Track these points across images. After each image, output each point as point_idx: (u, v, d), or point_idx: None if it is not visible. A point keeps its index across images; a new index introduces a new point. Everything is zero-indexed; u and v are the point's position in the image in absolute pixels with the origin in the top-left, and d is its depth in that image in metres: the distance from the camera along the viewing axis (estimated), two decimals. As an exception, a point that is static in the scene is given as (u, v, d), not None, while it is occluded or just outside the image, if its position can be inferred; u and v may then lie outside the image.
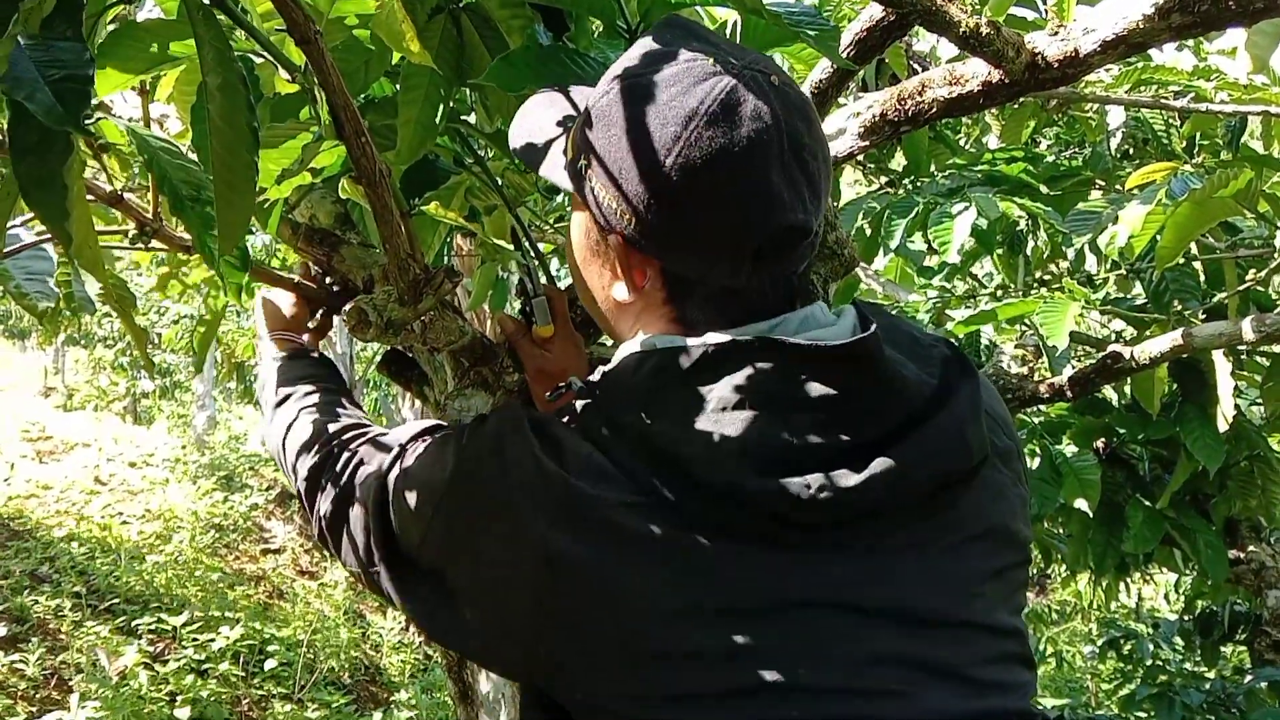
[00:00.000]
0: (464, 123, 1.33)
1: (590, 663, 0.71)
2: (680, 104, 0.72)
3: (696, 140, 0.72)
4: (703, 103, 0.72)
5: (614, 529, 0.69)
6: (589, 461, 0.73)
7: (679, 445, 0.70)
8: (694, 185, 0.72)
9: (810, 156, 0.74)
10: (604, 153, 0.77)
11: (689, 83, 0.73)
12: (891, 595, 0.69)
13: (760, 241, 0.73)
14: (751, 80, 0.73)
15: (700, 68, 0.74)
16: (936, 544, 0.72)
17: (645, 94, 0.74)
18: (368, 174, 0.91)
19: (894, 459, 0.69)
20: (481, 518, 0.76)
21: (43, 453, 7.24)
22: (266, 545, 6.70)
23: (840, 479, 0.68)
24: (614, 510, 0.70)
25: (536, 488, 0.72)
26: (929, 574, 0.71)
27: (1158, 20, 1.04)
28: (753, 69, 0.74)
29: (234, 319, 12.23)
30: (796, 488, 0.67)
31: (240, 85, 0.77)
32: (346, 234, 1.52)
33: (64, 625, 4.07)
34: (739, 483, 0.68)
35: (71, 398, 14.46)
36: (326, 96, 0.83)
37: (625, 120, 0.75)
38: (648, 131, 0.74)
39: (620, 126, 0.75)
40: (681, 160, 0.72)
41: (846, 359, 0.71)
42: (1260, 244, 2.30)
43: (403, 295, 1.07)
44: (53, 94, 0.63)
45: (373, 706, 5.20)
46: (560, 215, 2.72)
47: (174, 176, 0.86)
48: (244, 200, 0.79)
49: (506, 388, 1.39)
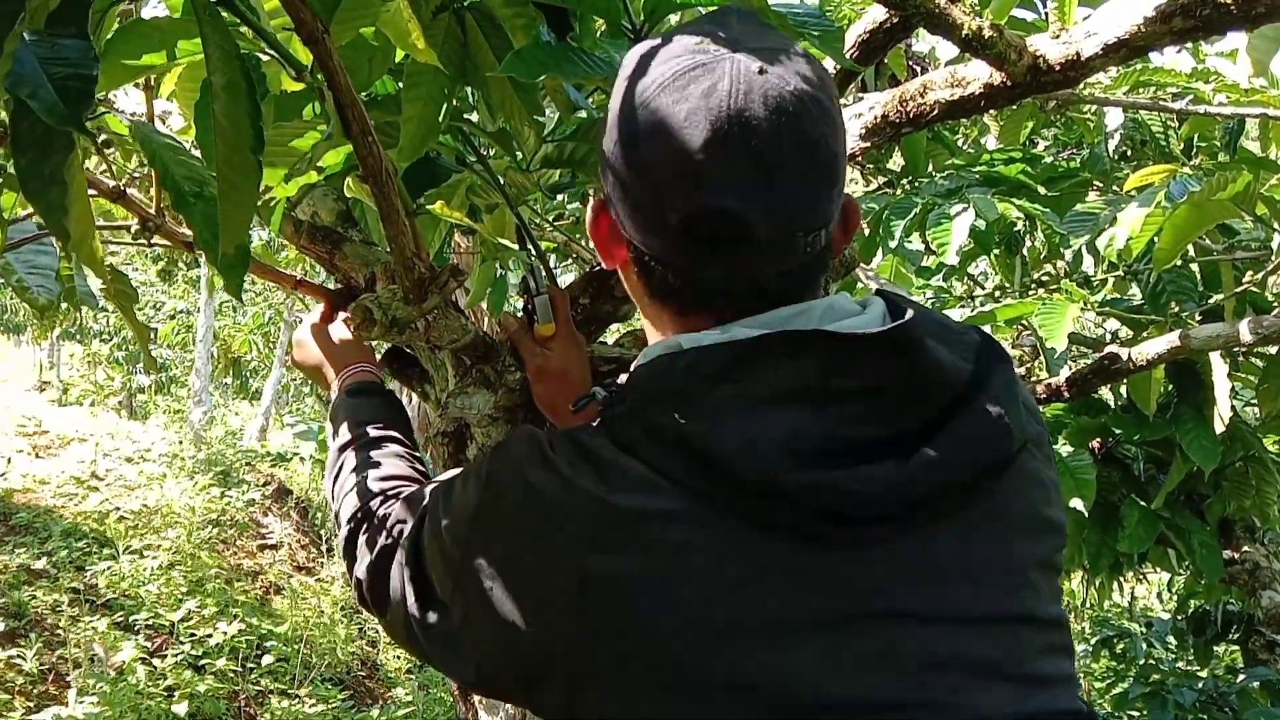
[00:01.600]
0: (466, 121, 1.33)
1: (627, 687, 0.67)
2: (650, 75, 0.73)
3: (644, 107, 0.72)
4: (656, 80, 0.72)
5: (657, 543, 0.67)
6: (627, 472, 0.70)
7: (721, 444, 0.66)
8: (635, 151, 0.73)
9: (767, 147, 0.69)
10: (603, 124, 0.79)
11: (668, 56, 0.73)
12: (939, 594, 0.67)
13: (681, 219, 0.71)
14: (732, 62, 0.70)
15: (688, 44, 0.73)
16: (978, 535, 0.69)
17: (636, 69, 0.75)
18: (374, 172, 0.91)
19: (937, 449, 0.66)
20: (512, 550, 0.74)
21: (38, 448, 7.23)
22: (264, 541, 6.70)
23: (888, 471, 0.65)
24: (656, 521, 0.67)
25: (566, 512, 0.70)
26: (974, 568, 0.69)
27: (1159, 24, 1.05)
28: (750, 53, 0.71)
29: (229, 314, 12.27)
30: (845, 482, 0.65)
31: (245, 84, 0.77)
32: (349, 232, 1.52)
33: (61, 621, 4.07)
34: (786, 479, 0.65)
35: (67, 392, 14.43)
36: (333, 95, 0.84)
37: (612, 101, 0.77)
38: (616, 108, 0.75)
39: (611, 109, 0.77)
40: (631, 127, 0.73)
41: (887, 347, 0.68)
42: (1257, 246, 2.31)
43: (408, 294, 1.07)
44: (56, 92, 0.63)
45: (370, 702, 5.20)
46: (559, 214, 2.72)
47: (176, 172, 0.86)
48: (247, 198, 0.79)
49: (508, 386, 1.40)
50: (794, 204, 0.71)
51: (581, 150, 1.33)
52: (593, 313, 1.53)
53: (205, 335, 10.92)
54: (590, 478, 0.70)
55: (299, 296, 8.76)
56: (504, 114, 1.24)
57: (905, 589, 0.66)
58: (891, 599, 0.65)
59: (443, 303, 1.13)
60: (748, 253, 0.72)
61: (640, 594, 0.66)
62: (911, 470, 0.65)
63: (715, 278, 0.74)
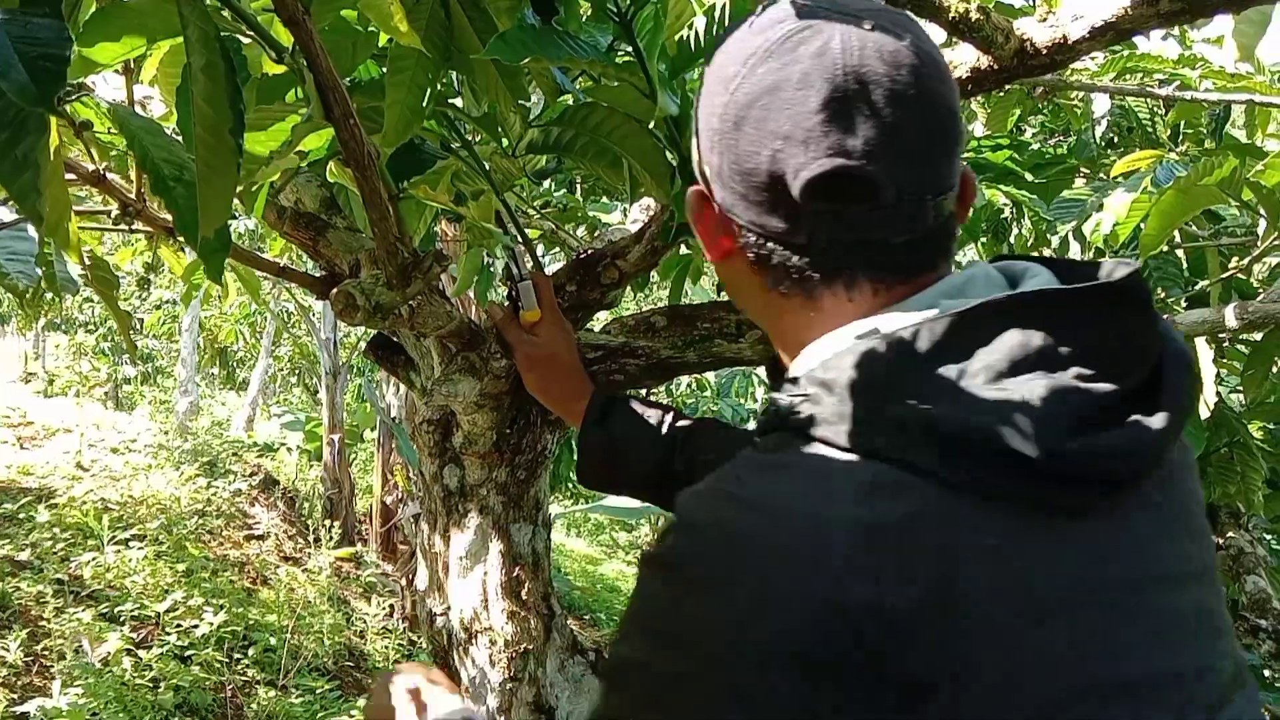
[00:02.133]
0: (451, 106, 1.32)
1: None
2: (746, 44, 0.70)
3: (750, 75, 0.69)
4: (765, 42, 0.69)
5: (924, 550, 0.58)
6: (862, 480, 0.61)
7: (982, 422, 0.60)
8: (741, 123, 0.70)
9: (888, 104, 0.66)
10: (698, 112, 0.76)
11: (764, 24, 0.71)
12: (1170, 554, 0.64)
13: (805, 185, 0.67)
14: (838, 22, 0.67)
15: (782, 11, 0.71)
16: (1169, 502, 0.66)
17: (726, 44, 0.73)
18: (356, 157, 0.90)
19: (1163, 408, 0.63)
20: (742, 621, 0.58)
21: (23, 438, 7.18)
22: (250, 531, 6.68)
23: (1136, 433, 0.61)
24: (917, 525, 0.59)
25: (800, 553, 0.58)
26: (1173, 534, 0.66)
27: (1146, 6, 1.05)
28: (849, 15, 0.68)
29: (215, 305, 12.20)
30: (1114, 444, 0.60)
31: (225, 66, 0.76)
32: (332, 218, 1.51)
33: (45, 612, 4.05)
34: (1066, 447, 0.59)
35: (52, 383, 14.34)
36: (314, 78, 0.83)
37: (709, 73, 0.75)
38: (717, 77, 0.73)
39: (706, 81, 0.75)
40: (737, 96, 0.70)
41: (1116, 301, 0.64)
42: (1243, 232, 2.31)
43: (391, 279, 1.06)
44: (27, 72, 0.61)
45: (357, 692, 5.20)
46: (546, 201, 2.71)
47: (156, 156, 0.85)
48: (226, 182, 0.78)
49: (494, 373, 1.39)
50: (919, 164, 0.68)
51: (567, 135, 1.32)
52: (579, 299, 1.53)
53: (191, 325, 10.86)
54: (817, 499, 0.61)
55: (285, 285, 8.72)
56: (489, 98, 1.23)
57: (1144, 553, 0.63)
58: (1143, 564, 0.63)
59: (426, 288, 1.12)
60: (876, 219, 0.68)
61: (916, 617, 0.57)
62: (1162, 429, 0.62)
63: (843, 251, 0.71)
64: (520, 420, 1.53)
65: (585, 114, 1.26)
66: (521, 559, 1.56)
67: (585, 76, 1.30)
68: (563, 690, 1.57)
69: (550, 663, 1.56)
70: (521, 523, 1.57)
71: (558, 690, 1.56)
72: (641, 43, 1.12)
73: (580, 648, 1.63)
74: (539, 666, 1.55)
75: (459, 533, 1.59)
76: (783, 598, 0.57)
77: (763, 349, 1.56)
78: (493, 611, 1.55)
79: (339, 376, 8.27)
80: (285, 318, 11.12)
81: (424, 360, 1.58)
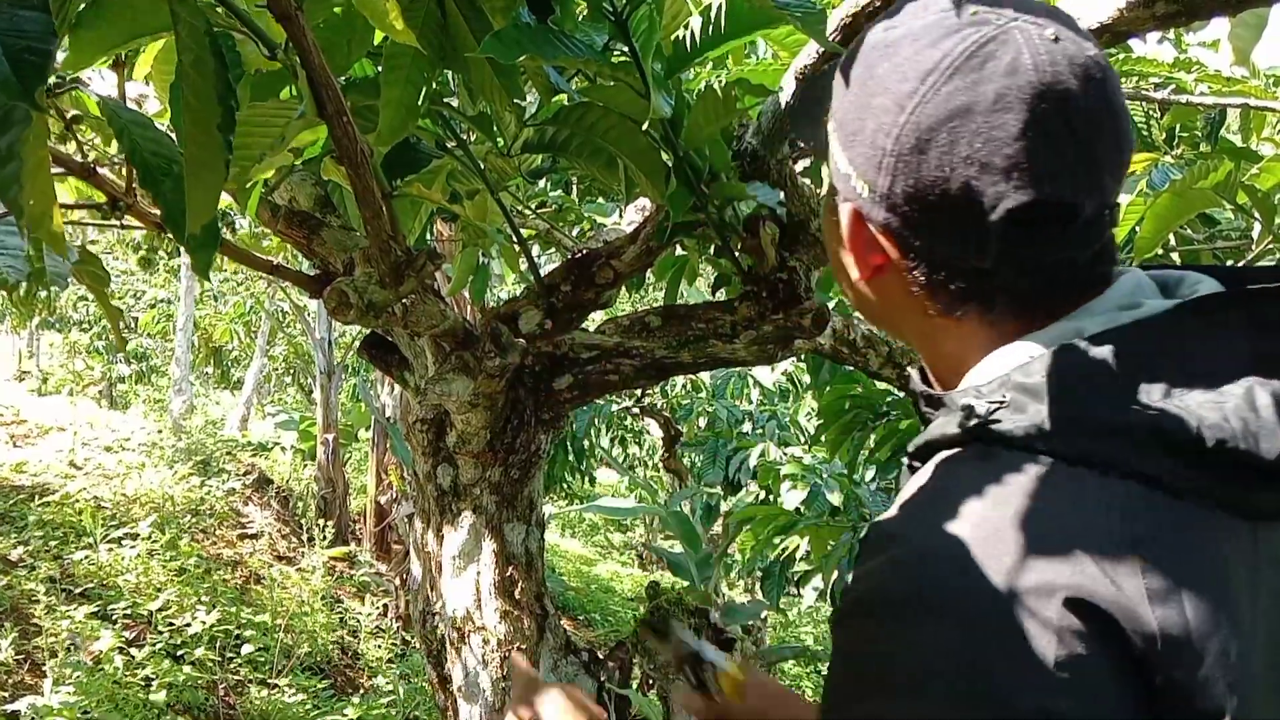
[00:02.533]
0: (446, 105, 1.32)
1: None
2: (922, 58, 0.65)
3: (933, 96, 0.64)
4: (947, 55, 0.64)
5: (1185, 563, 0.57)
6: (1100, 497, 0.58)
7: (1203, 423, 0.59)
8: (926, 147, 0.65)
9: (1085, 124, 0.63)
10: (845, 113, 0.71)
11: (938, 35, 0.65)
12: None
13: (1005, 216, 0.64)
14: (1019, 32, 0.64)
15: (954, 19, 0.66)
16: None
17: (887, 48, 0.68)
18: (349, 154, 0.90)
19: None
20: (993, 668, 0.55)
21: (16, 436, 7.16)
22: (244, 530, 6.66)
23: None
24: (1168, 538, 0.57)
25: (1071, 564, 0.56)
26: None
27: (1142, 8, 1.04)
28: (1028, 21, 0.64)
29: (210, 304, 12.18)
30: None
31: (215, 61, 0.75)
32: (327, 217, 1.51)
33: (38, 610, 4.04)
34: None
35: (46, 381, 14.32)
36: (307, 74, 0.82)
37: (867, 77, 0.69)
38: (886, 87, 0.67)
39: (861, 84, 0.69)
40: (917, 118, 0.64)
41: None
42: (1238, 236, 2.31)
43: (384, 277, 1.06)
44: (10, 66, 0.60)
45: (350, 692, 5.19)
46: (542, 201, 2.71)
47: (145, 149, 0.84)
48: (214, 178, 0.77)
49: (487, 372, 1.39)
50: (1109, 178, 0.66)
51: (562, 135, 1.32)
52: (574, 299, 1.53)
53: (186, 324, 10.84)
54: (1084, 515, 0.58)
55: (280, 284, 8.70)
56: (484, 97, 1.22)
57: None
58: None
59: (420, 287, 1.12)
60: (1068, 238, 0.66)
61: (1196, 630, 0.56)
62: None
63: (1028, 272, 0.67)
64: (514, 420, 1.53)
65: (580, 114, 1.26)
66: (515, 558, 1.55)
67: (580, 76, 1.30)
68: (555, 691, 1.56)
69: (543, 662, 1.56)
70: (515, 522, 1.57)
71: (550, 691, 1.56)
72: (637, 42, 1.11)
73: (574, 648, 1.62)
74: (532, 666, 1.54)
75: (452, 531, 1.58)
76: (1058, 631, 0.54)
77: (756, 350, 1.56)
78: (486, 611, 1.55)
79: (334, 376, 8.26)
80: (280, 317, 11.10)
81: (418, 359, 1.58)
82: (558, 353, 1.55)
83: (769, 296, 1.42)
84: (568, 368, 1.55)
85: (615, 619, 8.78)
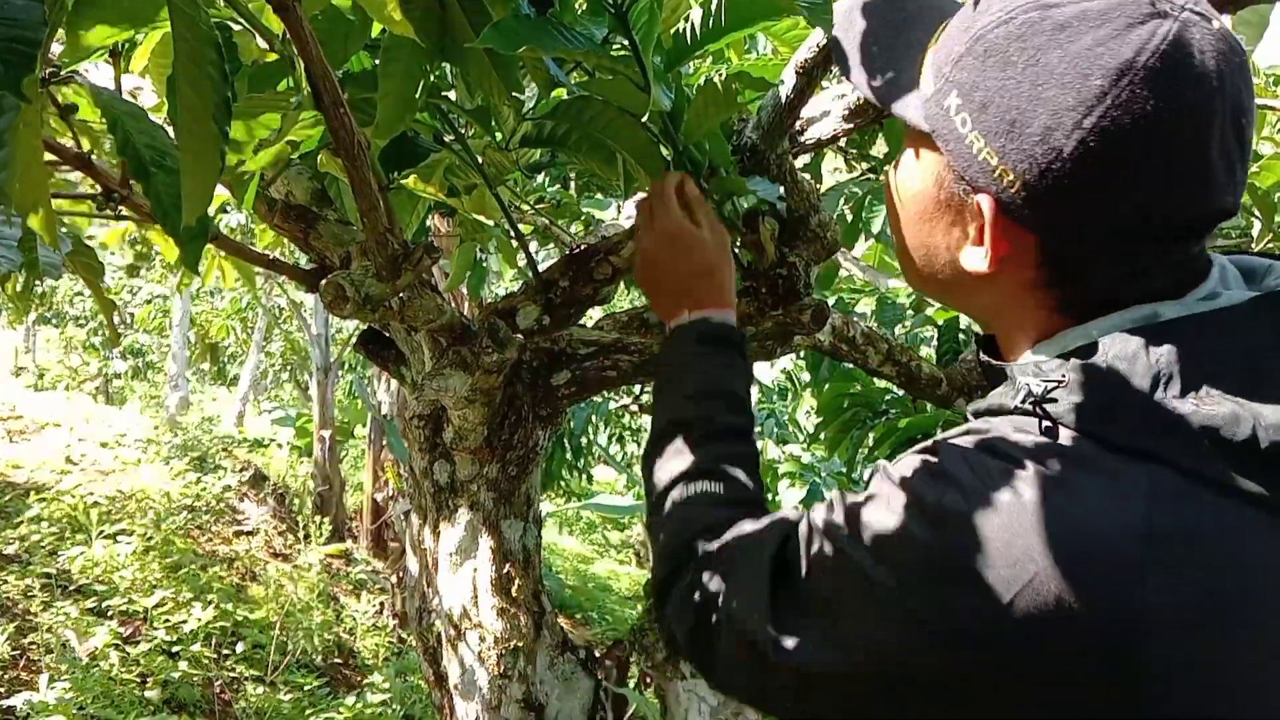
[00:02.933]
0: (444, 99, 1.31)
1: None
2: (1111, 52, 0.60)
3: (1129, 100, 0.59)
4: (1140, 54, 0.59)
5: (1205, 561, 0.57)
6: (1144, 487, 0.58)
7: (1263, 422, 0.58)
8: (1116, 155, 0.60)
9: (1248, 124, 0.62)
10: (992, 97, 0.64)
11: (1122, 24, 0.60)
12: None
13: (1183, 224, 0.62)
14: (1196, 26, 0.60)
15: (1135, 6, 0.60)
16: None
17: (1063, 32, 0.61)
18: (346, 146, 0.89)
19: None
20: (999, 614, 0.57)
21: (13, 432, 7.15)
22: (239, 527, 6.65)
23: None
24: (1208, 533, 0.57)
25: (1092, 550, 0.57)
26: None
27: (1146, 4, 1.04)
28: (1194, 10, 0.61)
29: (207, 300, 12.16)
30: None
31: (211, 52, 0.75)
32: (323, 211, 1.50)
33: (33, 606, 4.03)
34: None
35: (42, 377, 14.29)
36: (305, 65, 0.81)
37: (1031, 62, 0.62)
38: (1064, 81, 0.61)
39: (1023, 69, 0.63)
40: (1106, 123, 0.59)
41: None
42: (1238, 234, 2.31)
43: (381, 271, 1.05)
44: (-3, 54, 0.60)
45: (345, 689, 5.18)
46: (540, 196, 2.70)
47: (138, 140, 0.83)
48: (209, 170, 0.76)
49: (485, 368, 1.38)
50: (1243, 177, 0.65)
51: (561, 129, 1.31)
52: (572, 295, 1.52)
53: (182, 320, 10.82)
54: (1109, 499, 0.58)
55: (277, 280, 8.69)
56: (482, 91, 1.22)
57: None
58: None
59: (417, 281, 1.11)
60: (1200, 239, 0.65)
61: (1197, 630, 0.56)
62: None
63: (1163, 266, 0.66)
64: (511, 416, 1.52)
65: (579, 107, 1.25)
66: (512, 555, 1.55)
67: (580, 70, 1.29)
68: (552, 688, 1.55)
69: (540, 660, 1.55)
70: (512, 519, 1.56)
71: (547, 687, 1.55)
72: (637, 35, 1.10)
73: (571, 645, 1.62)
74: (529, 664, 1.54)
75: (449, 528, 1.58)
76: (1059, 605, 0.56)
77: (756, 346, 1.55)
78: (482, 608, 1.54)
79: (330, 373, 8.25)
80: (277, 313, 11.09)
81: (415, 355, 1.57)
82: (556, 348, 1.54)
83: (768, 292, 1.42)
84: (566, 364, 1.54)
85: (612, 617, 8.77)
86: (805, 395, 6.90)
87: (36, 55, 0.59)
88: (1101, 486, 0.58)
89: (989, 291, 0.73)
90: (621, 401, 7.30)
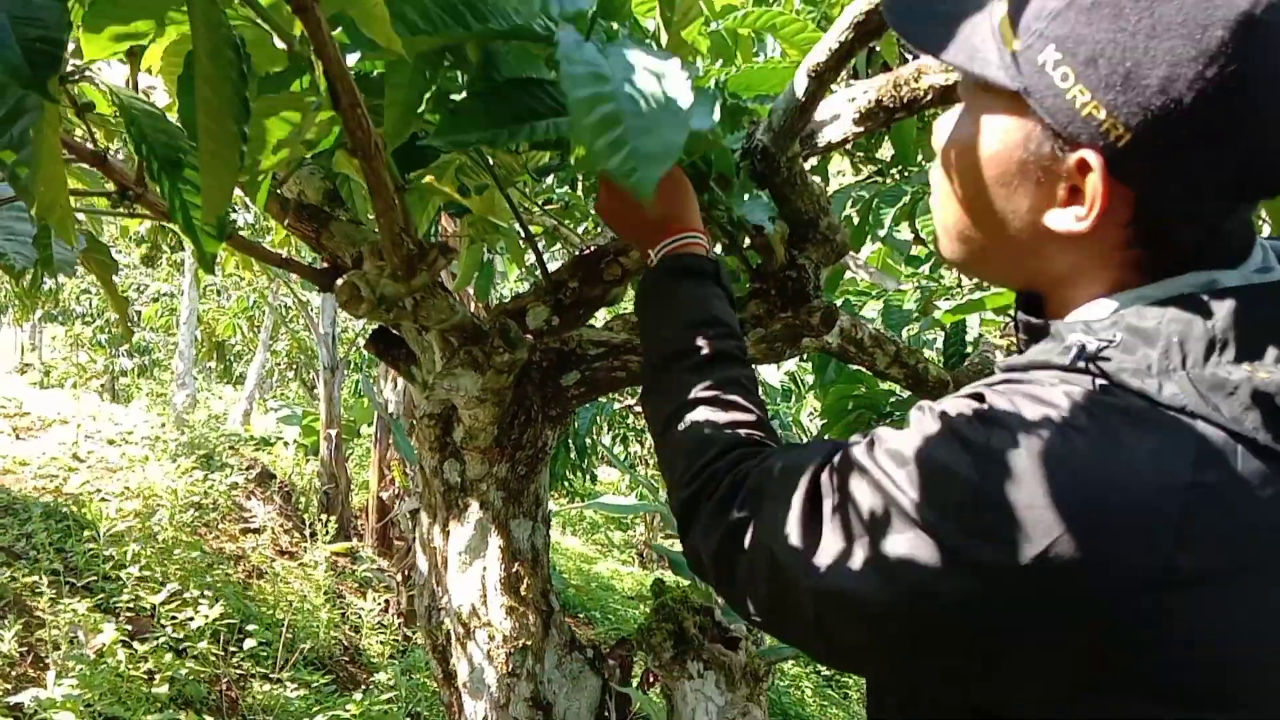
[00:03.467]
0: (454, 101, 1.31)
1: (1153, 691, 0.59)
2: (1227, 3, 0.59)
3: (1250, 51, 0.59)
4: (1255, 5, 0.59)
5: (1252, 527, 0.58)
6: (1191, 444, 0.59)
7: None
8: (1235, 107, 0.60)
9: None
10: (1104, 49, 0.63)
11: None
12: None
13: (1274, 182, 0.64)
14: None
15: None
16: None
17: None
18: (363, 146, 0.89)
19: None
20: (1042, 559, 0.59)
21: (19, 429, 7.17)
22: (246, 525, 6.67)
23: None
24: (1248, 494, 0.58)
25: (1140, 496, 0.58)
26: None
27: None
28: None
29: (214, 298, 12.18)
30: None
31: (230, 52, 0.75)
32: (335, 211, 1.51)
33: (41, 602, 4.04)
34: None
35: (49, 374, 14.33)
36: (323, 66, 0.82)
37: (1146, 12, 0.61)
38: (1183, 32, 0.60)
39: (1137, 20, 0.61)
40: (1229, 72, 0.59)
41: None
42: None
43: (396, 270, 1.05)
44: (22, 53, 0.60)
45: (352, 687, 5.19)
46: (549, 198, 2.70)
47: (154, 140, 0.84)
48: (228, 170, 0.77)
49: (496, 367, 1.38)
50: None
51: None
52: (582, 296, 1.52)
53: (189, 318, 10.84)
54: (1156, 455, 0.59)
55: (284, 278, 8.70)
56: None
57: None
58: None
59: (431, 281, 1.12)
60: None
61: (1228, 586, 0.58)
62: None
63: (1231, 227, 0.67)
64: (521, 416, 1.53)
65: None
66: (521, 554, 1.55)
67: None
68: (560, 686, 1.56)
69: (548, 658, 1.56)
70: (521, 518, 1.56)
71: (555, 686, 1.56)
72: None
73: (578, 644, 1.62)
74: (537, 662, 1.54)
75: (459, 527, 1.58)
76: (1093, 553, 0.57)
77: (764, 348, 1.55)
78: (491, 607, 1.55)
79: (336, 371, 8.26)
80: (283, 312, 11.10)
81: (425, 354, 1.57)
82: (565, 349, 1.55)
83: (778, 294, 1.42)
84: (575, 364, 1.55)
85: (616, 617, 8.77)
86: (809, 397, 6.89)
87: (61, 55, 0.60)
88: (1150, 442, 0.59)
89: (1071, 253, 0.72)
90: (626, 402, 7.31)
